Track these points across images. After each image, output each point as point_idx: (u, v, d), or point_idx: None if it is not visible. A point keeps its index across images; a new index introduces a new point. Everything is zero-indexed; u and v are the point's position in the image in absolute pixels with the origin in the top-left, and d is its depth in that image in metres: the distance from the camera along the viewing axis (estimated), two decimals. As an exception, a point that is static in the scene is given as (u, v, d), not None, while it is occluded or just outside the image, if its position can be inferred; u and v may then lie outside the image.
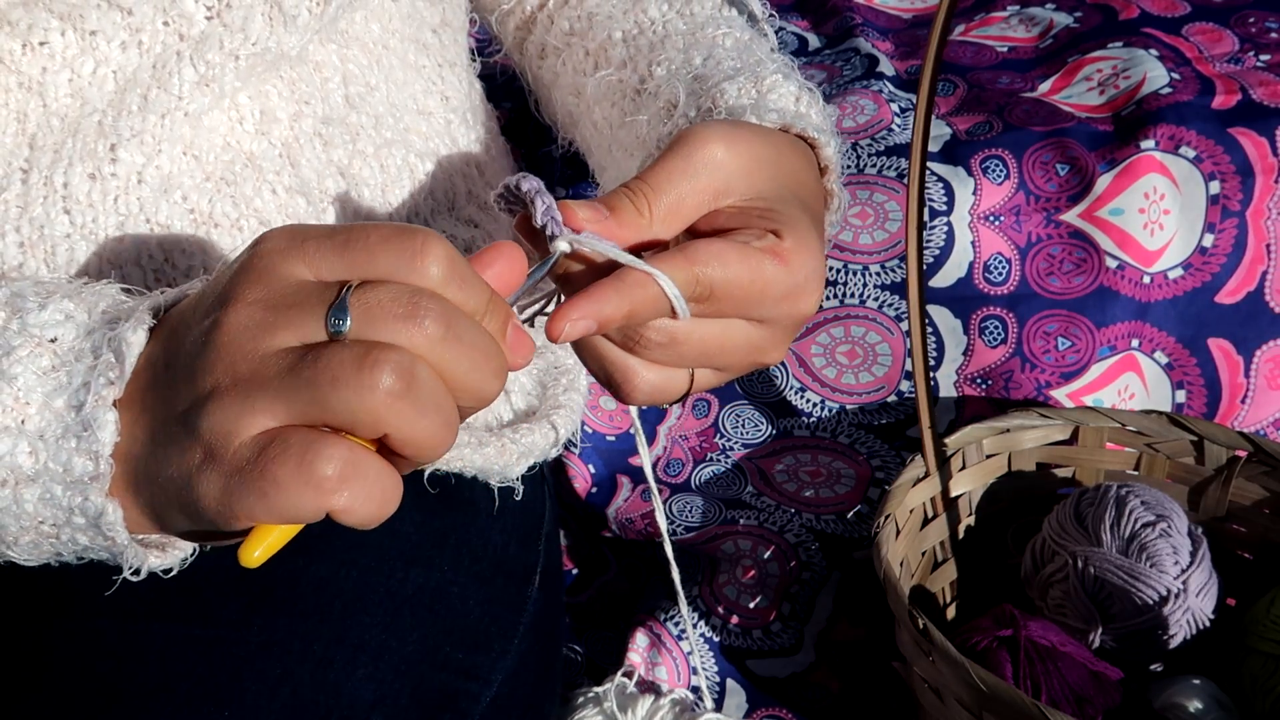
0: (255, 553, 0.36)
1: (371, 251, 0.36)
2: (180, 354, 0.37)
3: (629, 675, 0.76)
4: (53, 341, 0.40)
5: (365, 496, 0.35)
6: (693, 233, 0.44)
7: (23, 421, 0.38)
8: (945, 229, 0.89)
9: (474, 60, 0.70)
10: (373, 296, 0.35)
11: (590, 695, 0.74)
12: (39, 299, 0.41)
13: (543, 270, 0.40)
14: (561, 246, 0.40)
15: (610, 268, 0.41)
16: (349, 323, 0.35)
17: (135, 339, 0.38)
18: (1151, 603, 0.71)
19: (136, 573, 0.41)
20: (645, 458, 0.51)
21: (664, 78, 0.57)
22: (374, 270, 0.36)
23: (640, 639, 0.78)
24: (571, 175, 0.98)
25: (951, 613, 0.81)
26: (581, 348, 0.43)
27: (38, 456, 0.38)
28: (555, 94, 0.68)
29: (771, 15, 0.69)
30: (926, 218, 0.89)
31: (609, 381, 0.44)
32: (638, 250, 0.42)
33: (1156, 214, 0.88)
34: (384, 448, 0.36)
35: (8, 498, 0.39)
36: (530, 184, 0.41)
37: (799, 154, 0.49)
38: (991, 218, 0.90)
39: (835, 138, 0.54)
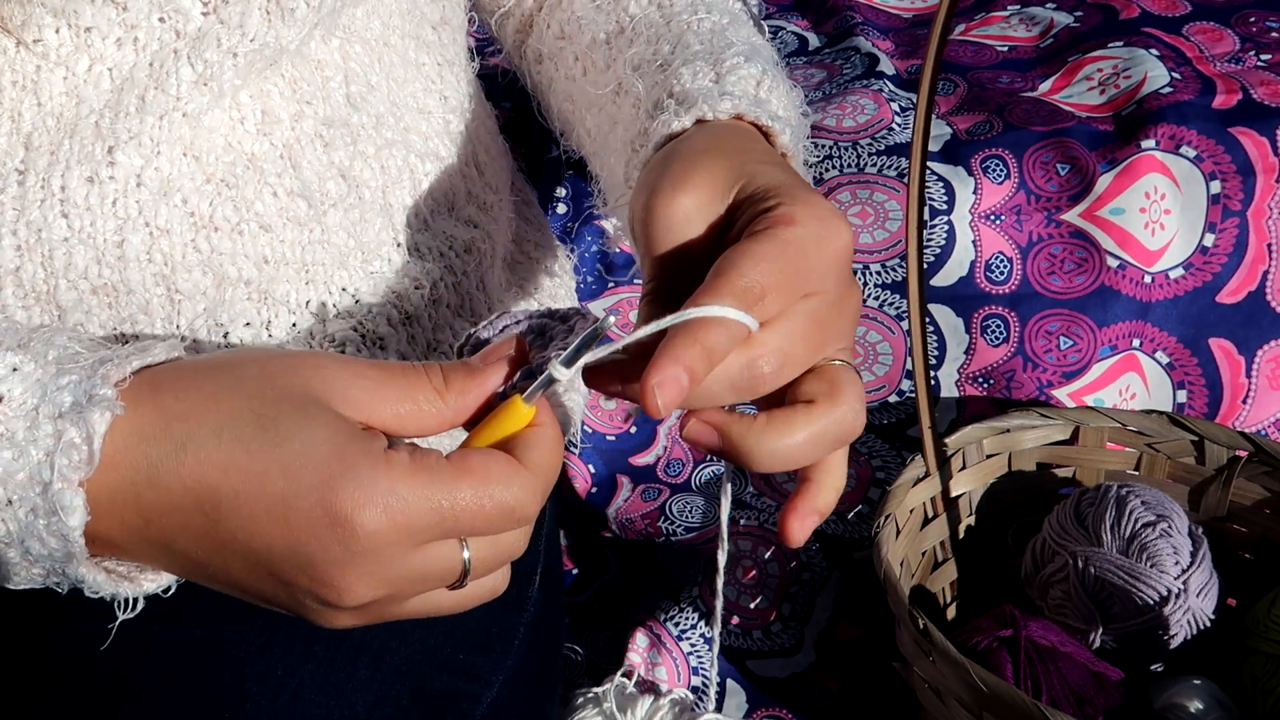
0: None
1: (476, 530, 0.40)
2: (262, 556, 0.39)
3: (628, 676, 0.75)
4: None
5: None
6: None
7: None
8: (946, 228, 0.89)
9: (473, 60, 0.69)
10: (487, 561, 0.41)
11: (590, 695, 0.74)
12: None
13: (591, 344, 0.40)
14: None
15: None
16: (465, 582, 0.41)
17: (101, 423, 0.38)
18: (1152, 603, 0.71)
19: (133, 605, 0.42)
20: (725, 520, 0.51)
21: (633, 77, 0.57)
22: (481, 535, 0.40)
23: (640, 639, 0.78)
24: (573, 176, 0.97)
25: (951, 613, 0.81)
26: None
27: (8, 525, 0.38)
28: (552, 100, 0.67)
29: (771, 13, 0.69)
30: (927, 217, 0.89)
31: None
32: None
33: (1157, 214, 0.88)
34: None
35: None
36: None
37: (754, 142, 0.49)
38: (992, 217, 0.90)
39: (796, 124, 0.53)
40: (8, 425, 0.38)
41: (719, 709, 0.77)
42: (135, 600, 0.41)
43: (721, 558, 0.51)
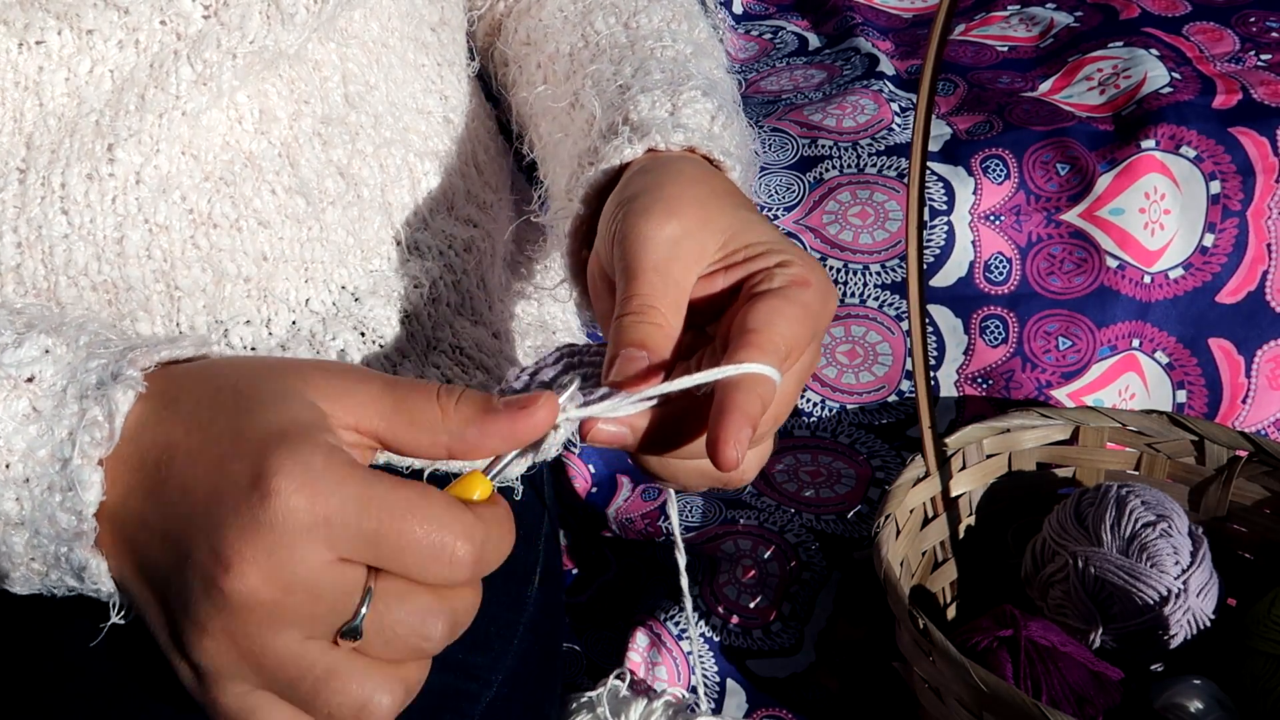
0: None
1: (402, 552, 0.35)
2: (179, 553, 0.37)
3: (621, 679, 0.75)
4: (29, 381, 0.39)
5: None
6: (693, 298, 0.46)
7: (6, 466, 0.38)
8: (945, 228, 0.89)
9: (473, 60, 0.70)
10: (389, 622, 0.36)
11: (584, 700, 0.74)
12: (14, 333, 0.40)
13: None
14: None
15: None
16: (360, 638, 0.36)
17: (125, 401, 0.38)
18: (1152, 603, 0.71)
19: (125, 615, 0.41)
20: (677, 534, 0.53)
21: (590, 92, 0.58)
22: (400, 567, 0.35)
23: (640, 639, 0.78)
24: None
25: (951, 613, 0.81)
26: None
27: (23, 504, 0.39)
28: (513, 101, 0.68)
29: (771, 13, 0.69)
30: (927, 217, 0.89)
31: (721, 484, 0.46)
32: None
33: (1157, 214, 0.88)
34: None
35: None
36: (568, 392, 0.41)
37: (716, 173, 0.51)
38: (992, 217, 0.90)
39: (747, 162, 0.55)
40: (37, 404, 0.39)
41: (718, 710, 0.77)
42: (129, 608, 0.41)
43: (681, 560, 0.53)
